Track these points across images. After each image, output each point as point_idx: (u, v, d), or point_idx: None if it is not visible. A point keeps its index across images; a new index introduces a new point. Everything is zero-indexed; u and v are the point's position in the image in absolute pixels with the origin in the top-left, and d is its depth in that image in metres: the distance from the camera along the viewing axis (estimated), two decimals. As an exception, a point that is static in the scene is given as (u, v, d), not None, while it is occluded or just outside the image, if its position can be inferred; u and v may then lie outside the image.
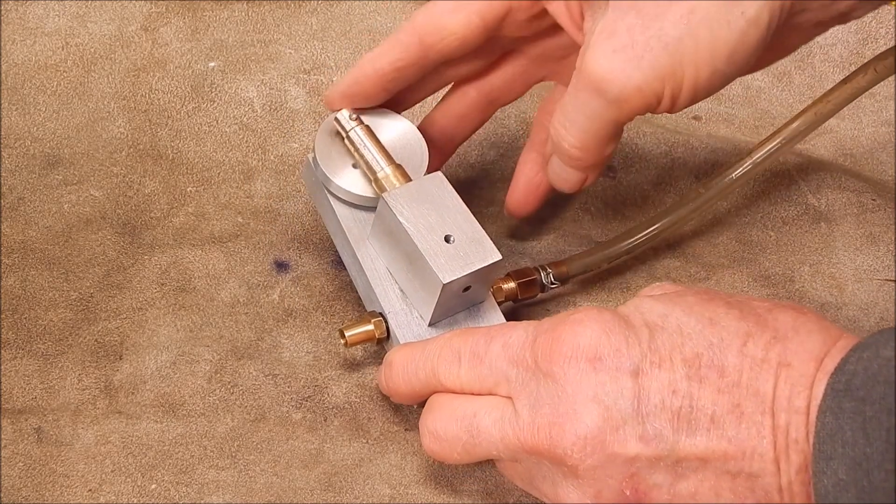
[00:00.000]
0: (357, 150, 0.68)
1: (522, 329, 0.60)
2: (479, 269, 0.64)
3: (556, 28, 0.67)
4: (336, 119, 0.68)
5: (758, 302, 0.59)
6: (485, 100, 0.72)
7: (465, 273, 0.64)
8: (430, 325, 0.66)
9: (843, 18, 0.64)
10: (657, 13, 0.59)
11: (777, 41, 0.63)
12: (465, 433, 0.60)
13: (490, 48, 0.69)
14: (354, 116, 0.67)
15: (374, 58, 0.67)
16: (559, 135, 0.64)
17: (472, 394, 0.61)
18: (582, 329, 0.58)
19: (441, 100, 0.73)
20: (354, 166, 0.68)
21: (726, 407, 0.55)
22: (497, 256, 0.65)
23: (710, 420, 0.56)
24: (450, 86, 0.72)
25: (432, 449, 0.61)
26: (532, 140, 0.73)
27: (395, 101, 0.71)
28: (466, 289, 0.65)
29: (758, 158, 0.72)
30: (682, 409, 0.56)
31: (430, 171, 0.72)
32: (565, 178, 0.67)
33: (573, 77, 0.62)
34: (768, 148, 0.72)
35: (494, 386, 0.60)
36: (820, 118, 0.71)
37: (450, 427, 0.60)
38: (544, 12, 0.66)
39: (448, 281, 0.63)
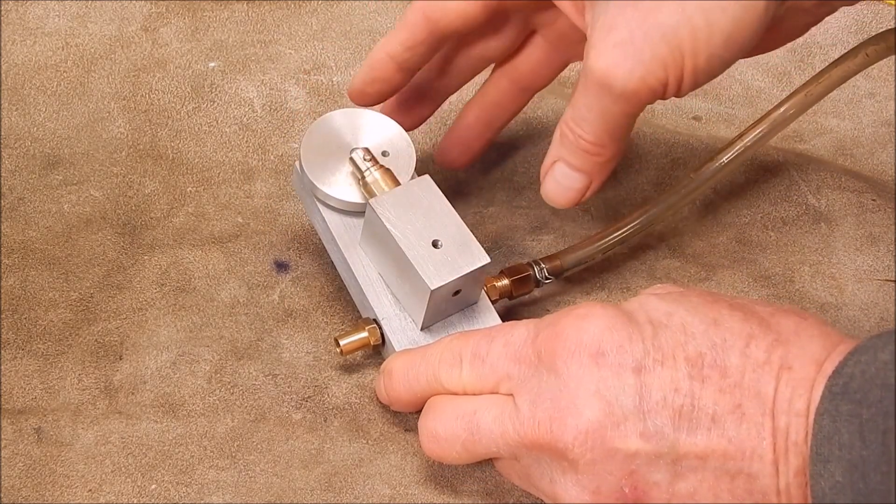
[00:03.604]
0: (354, 163, 0.68)
1: (524, 326, 0.60)
2: (467, 274, 0.64)
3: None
4: (351, 158, 0.68)
5: (760, 306, 0.59)
6: (516, 87, 0.73)
7: (453, 278, 0.64)
8: (422, 329, 0.66)
9: None
10: (654, 4, 0.60)
11: (782, 23, 0.64)
12: (465, 431, 0.60)
13: (505, 26, 0.71)
14: (369, 157, 0.68)
15: (385, 42, 0.69)
16: (573, 133, 0.64)
17: (474, 394, 0.61)
18: (585, 324, 0.58)
19: (478, 90, 0.74)
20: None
21: (728, 407, 0.56)
22: (485, 260, 0.65)
23: (710, 419, 0.56)
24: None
25: (431, 449, 0.61)
26: None
27: (433, 90, 0.73)
28: (457, 292, 0.65)
29: (748, 141, 0.72)
30: (684, 407, 0.56)
31: (473, 157, 0.74)
32: (569, 185, 0.66)
33: (581, 75, 0.62)
34: (759, 130, 0.72)
35: (496, 385, 0.60)
36: (811, 99, 0.71)
37: (449, 426, 0.60)
38: None
39: (436, 287, 0.63)
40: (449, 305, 0.66)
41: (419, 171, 0.70)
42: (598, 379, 0.57)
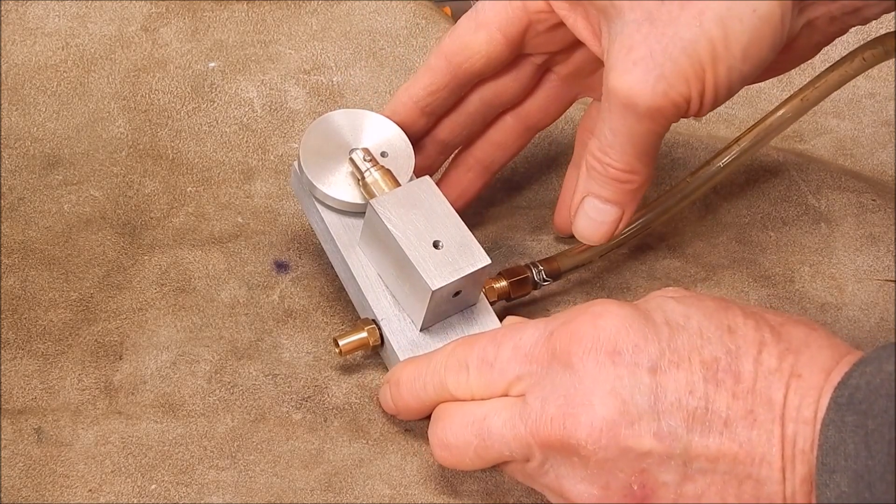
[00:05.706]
0: (354, 164, 0.68)
1: (533, 327, 0.60)
2: (468, 275, 0.64)
3: (580, 42, 0.67)
4: (351, 159, 0.68)
5: (771, 315, 0.59)
6: (522, 126, 0.73)
7: (454, 279, 0.64)
8: (421, 329, 0.66)
9: (857, 15, 0.64)
10: (670, 19, 0.60)
11: (796, 41, 0.64)
12: (476, 437, 0.60)
13: (524, 67, 0.70)
14: (369, 158, 0.68)
15: (407, 86, 0.70)
16: (601, 162, 0.64)
17: (483, 400, 0.61)
18: (602, 322, 0.58)
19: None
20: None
21: (740, 412, 0.56)
22: (485, 261, 0.65)
23: (723, 423, 0.56)
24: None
25: (443, 457, 0.61)
26: (575, 159, 0.73)
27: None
28: (457, 293, 0.65)
29: (745, 146, 0.72)
30: (698, 409, 0.56)
31: (470, 200, 0.74)
32: (602, 219, 0.66)
33: (603, 100, 0.62)
34: (755, 133, 0.72)
35: (506, 388, 0.60)
36: (807, 104, 0.71)
37: (460, 433, 0.60)
38: (563, 24, 0.67)
39: (437, 287, 0.63)
40: (448, 306, 0.66)
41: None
42: (614, 377, 0.57)
